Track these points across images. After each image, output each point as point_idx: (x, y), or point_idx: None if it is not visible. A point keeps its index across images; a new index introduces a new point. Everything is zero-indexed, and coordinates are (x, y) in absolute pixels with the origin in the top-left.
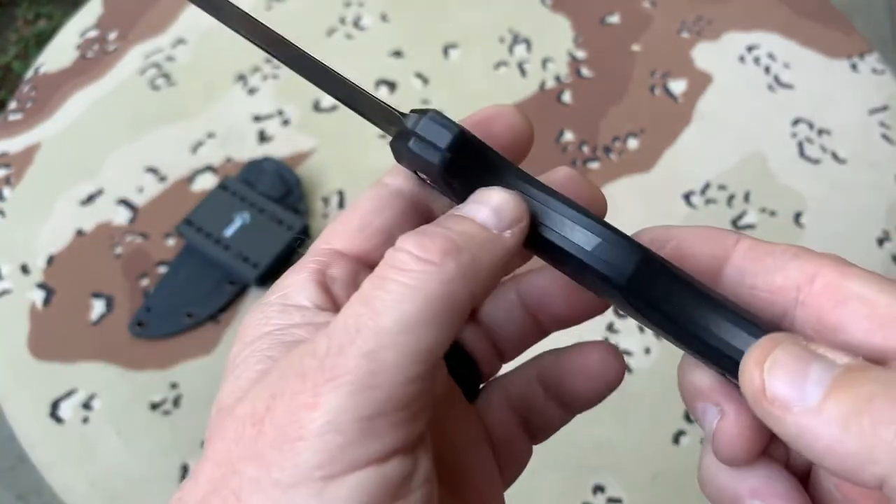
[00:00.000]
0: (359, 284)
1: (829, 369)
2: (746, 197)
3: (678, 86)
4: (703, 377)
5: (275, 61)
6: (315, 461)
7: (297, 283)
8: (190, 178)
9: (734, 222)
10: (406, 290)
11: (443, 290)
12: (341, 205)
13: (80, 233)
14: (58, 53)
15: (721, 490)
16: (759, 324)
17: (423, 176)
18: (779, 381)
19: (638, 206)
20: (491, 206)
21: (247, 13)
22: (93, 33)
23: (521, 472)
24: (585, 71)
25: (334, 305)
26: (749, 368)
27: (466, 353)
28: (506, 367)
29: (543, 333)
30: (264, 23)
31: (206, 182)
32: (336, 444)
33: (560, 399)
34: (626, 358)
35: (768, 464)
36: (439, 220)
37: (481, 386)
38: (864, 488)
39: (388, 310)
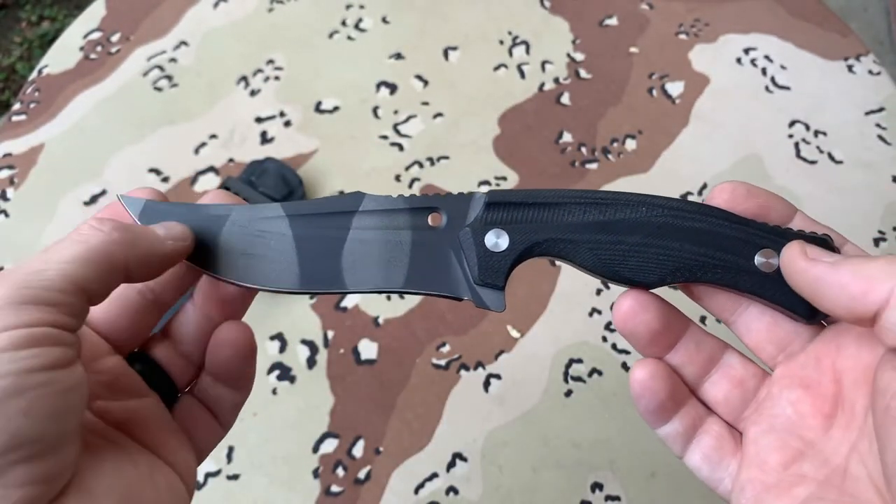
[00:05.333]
0: None
1: (841, 255)
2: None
3: (676, 87)
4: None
5: (276, 62)
6: None
7: None
8: (192, 179)
9: None
10: (77, 241)
11: (103, 247)
12: None
13: None
14: (61, 55)
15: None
16: None
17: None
18: (814, 250)
19: None
20: (164, 224)
21: None
22: (96, 35)
23: (214, 445)
24: (584, 73)
25: None
26: (793, 246)
27: (160, 368)
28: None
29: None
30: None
31: (209, 182)
32: None
33: (217, 375)
34: (623, 356)
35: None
36: None
37: (179, 395)
38: (860, 326)
39: (58, 251)
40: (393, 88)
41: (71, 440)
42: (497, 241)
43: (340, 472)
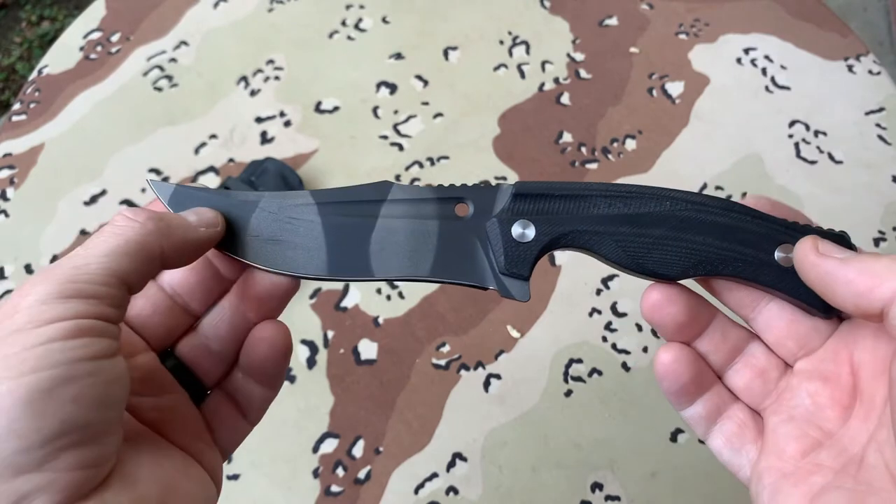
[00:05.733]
0: None
1: (852, 252)
2: (743, 197)
3: (676, 87)
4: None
5: (276, 62)
6: (23, 321)
7: None
8: (193, 179)
9: None
10: (114, 234)
11: (139, 238)
12: None
13: (83, 233)
14: (61, 55)
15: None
16: None
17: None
18: (827, 245)
19: None
20: (195, 211)
21: None
22: (96, 35)
23: (241, 442)
24: (584, 73)
25: None
26: (806, 241)
27: (187, 367)
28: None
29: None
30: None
31: (209, 182)
32: (38, 310)
33: (250, 372)
34: (623, 357)
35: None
36: None
37: (208, 392)
38: (870, 321)
39: (97, 245)
40: (393, 88)
41: (115, 429)
42: (524, 231)
43: (340, 472)
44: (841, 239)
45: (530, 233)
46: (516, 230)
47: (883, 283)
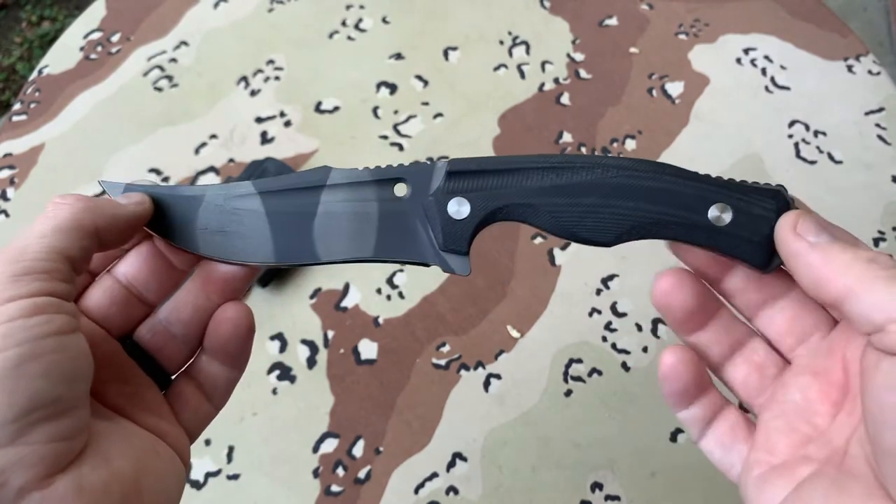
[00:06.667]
0: None
1: (832, 236)
2: None
3: (676, 87)
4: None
5: (276, 62)
6: None
7: None
8: (193, 179)
9: None
10: (47, 217)
11: (71, 216)
12: None
13: None
14: (62, 55)
15: None
16: None
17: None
18: (806, 225)
19: None
20: (125, 195)
21: None
22: (96, 35)
23: (205, 426)
24: (584, 73)
25: None
26: (789, 216)
27: (147, 353)
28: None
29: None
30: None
31: (209, 182)
32: None
33: (214, 353)
34: (623, 357)
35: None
36: None
37: (172, 377)
38: (825, 306)
39: (33, 229)
40: (393, 88)
41: (83, 402)
42: (459, 209)
43: (340, 471)
44: (777, 194)
45: (465, 209)
46: (452, 208)
47: (837, 279)
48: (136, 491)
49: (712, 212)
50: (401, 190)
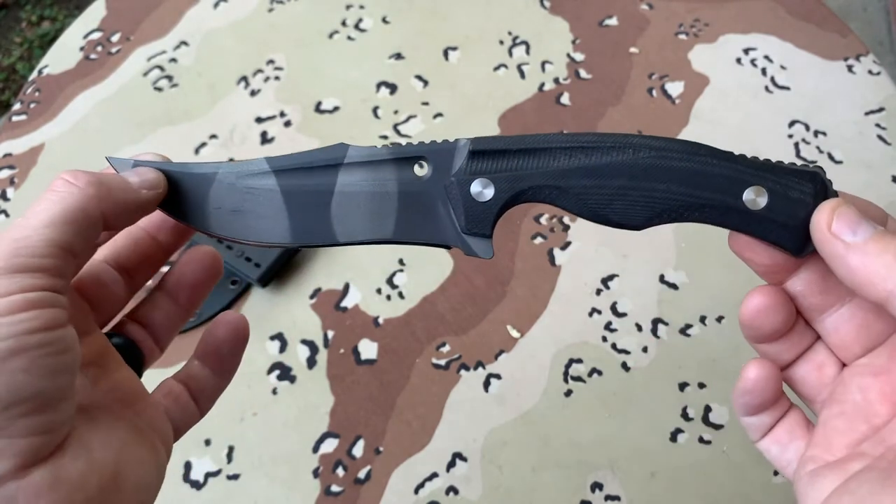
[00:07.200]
0: None
1: (871, 227)
2: None
3: (676, 87)
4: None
5: (276, 62)
6: None
7: None
8: None
9: None
10: (52, 201)
11: (80, 205)
12: None
13: None
14: (62, 55)
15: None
16: None
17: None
18: (841, 222)
19: None
20: (137, 171)
21: None
22: (96, 35)
23: (189, 427)
24: (584, 73)
25: None
26: (823, 211)
27: (135, 345)
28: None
29: (188, 314)
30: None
31: None
32: None
33: (206, 357)
34: (623, 357)
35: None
36: None
37: (143, 370)
38: (872, 306)
39: (37, 214)
40: (393, 88)
41: (68, 395)
42: (482, 190)
43: (340, 471)
44: (815, 176)
45: (489, 192)
46: (475, 189)
47: (880, 283)
48: (115, 481)
49: (747, 195)
50: (421, 169)
